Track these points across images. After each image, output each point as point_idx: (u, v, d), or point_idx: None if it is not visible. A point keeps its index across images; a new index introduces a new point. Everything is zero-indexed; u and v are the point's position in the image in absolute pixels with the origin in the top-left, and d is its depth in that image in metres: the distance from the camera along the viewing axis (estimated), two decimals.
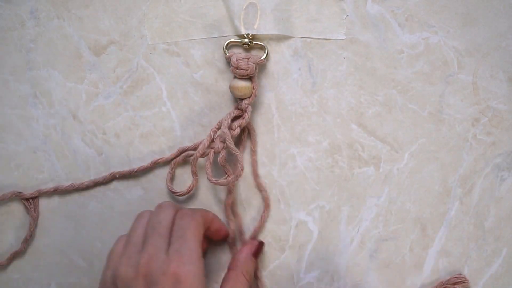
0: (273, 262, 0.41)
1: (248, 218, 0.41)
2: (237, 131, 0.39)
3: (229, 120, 0.39)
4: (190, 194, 0.41)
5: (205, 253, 0.40)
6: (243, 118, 0.39)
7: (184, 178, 0.41)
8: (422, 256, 0.40)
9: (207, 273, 0.41)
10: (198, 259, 0.32)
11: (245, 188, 0.41)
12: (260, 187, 0.40)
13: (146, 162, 0.41)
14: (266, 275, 0.41)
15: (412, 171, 0.40)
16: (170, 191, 0.40)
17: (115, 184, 0.42)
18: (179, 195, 0.40)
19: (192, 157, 0.39)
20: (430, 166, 0.40)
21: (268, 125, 0.41)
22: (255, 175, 0.41)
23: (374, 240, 0.40)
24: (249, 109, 0.39)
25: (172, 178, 0.41)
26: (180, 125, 0.41)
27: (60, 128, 0.42)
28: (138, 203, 0.42)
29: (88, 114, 0.42)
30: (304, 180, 0.41)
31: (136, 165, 0.41)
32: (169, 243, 0.33)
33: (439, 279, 0.40)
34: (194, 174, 0.40)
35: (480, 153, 0.40)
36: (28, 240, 0.41)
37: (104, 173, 0.41)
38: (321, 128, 0.41)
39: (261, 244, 0.39)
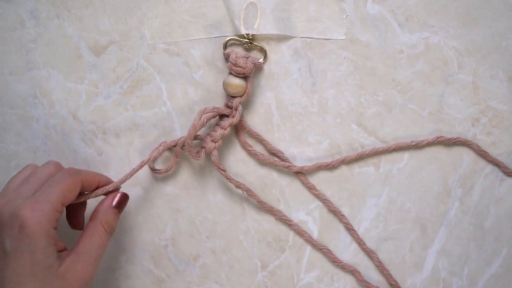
0: (273, 262, 0.41)
1: (248, 218, 0.41)
2: (227, 130, 0.39)
3: (199, 117, 0.37)
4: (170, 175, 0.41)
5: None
6: (233, 117, 0.39)
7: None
8: (422, 256, 0.40)
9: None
10: (51, 210, 0.32)
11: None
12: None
13: None
14: (266, 275, 0.41)
15: (412, 171, 0.40)
16: (150, 167, 0.40)
17: None
18: (156, 173, 0.40)
19: (179, 142, 0.39)
20: (430, 166, 0.40)
21: (268, 125, 0.41)
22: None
23: (374, 240, 0.40)
24: (240, 108, 0.39)
25: (155, 159, 0.41)
26: (180, 125, 0.41)
27: (60, 128, 0.42)
28: (138, 203, 0.42)
29: (88, 114, 0.42)
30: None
31: (136, 165, 0.41)
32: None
33: (439, 279, 0.40)
34: (176, 156, 0.40)
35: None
36: None
37: (104, 173, 0.41)
38: (321, 128, 0.41)
39: (124, 196, 0.38)
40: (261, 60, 0.39)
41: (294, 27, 0.40)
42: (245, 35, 0.40)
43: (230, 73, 0.39)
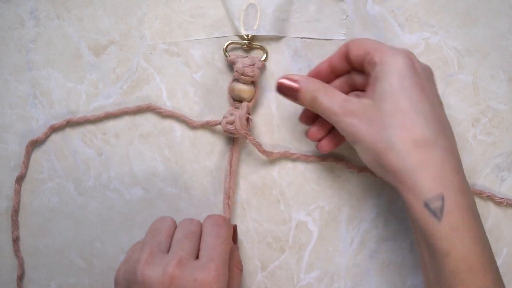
0: (273, 262, 0.41)
1: (248, 218, 0.41)
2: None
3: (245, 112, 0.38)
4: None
5: None
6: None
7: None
8: None
9: None
10: (226, 272, 0.33)
11: (246, 189, 0.41)
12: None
13: (146, 162, 0.41)
14: (266, 276, 0.41)
15: None
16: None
17: (115, 184, 0.42)
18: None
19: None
20: None
21: (268, 125, 0.41)
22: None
23: (374, 240, 0.40)
24: (250, 111, 0.39)
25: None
26: (180, 125, 0.41)
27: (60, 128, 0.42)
28: (138, 203, 0.42)
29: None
30: (304, 180, 0.41)
31: (136, 165, 0.41)
32: (198, 251, 0.33)
33: None
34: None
35: (480, 153, 0.40)
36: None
37: (104, 173, 0.41)
38: None
39: (235, 228, 0.38)
40: (262, 59, 0.39)
41: (294, 28, 0.40)
42: (245, 36, 0.40)
43: (236, 80, 0.39)
